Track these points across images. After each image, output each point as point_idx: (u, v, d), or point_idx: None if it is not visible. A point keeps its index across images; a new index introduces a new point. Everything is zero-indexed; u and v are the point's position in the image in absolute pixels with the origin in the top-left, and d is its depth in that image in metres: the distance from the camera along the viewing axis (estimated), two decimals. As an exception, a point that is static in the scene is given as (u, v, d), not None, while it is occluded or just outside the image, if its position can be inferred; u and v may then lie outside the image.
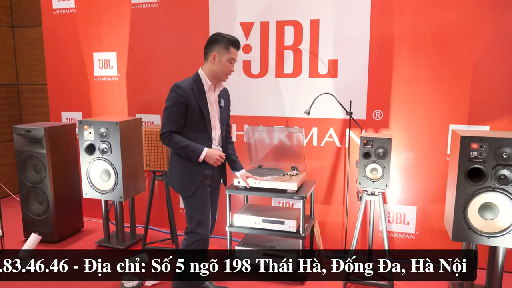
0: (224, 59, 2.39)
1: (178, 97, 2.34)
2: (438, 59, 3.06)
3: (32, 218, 3.65)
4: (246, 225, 3.01)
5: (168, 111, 2.36)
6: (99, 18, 3.94)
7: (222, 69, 2.41)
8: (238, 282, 2.92)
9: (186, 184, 2.42)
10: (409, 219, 3.30)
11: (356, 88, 3.27)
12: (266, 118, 3.54)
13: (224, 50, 2.38)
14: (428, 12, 3.04)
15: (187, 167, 2.42)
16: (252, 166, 3.31)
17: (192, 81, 2.41)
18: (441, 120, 3.11)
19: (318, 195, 3.47)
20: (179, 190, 2.47)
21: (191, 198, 2.44)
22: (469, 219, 2.48)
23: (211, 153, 2.41)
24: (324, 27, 3.28)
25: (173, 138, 2.35)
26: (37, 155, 3.53)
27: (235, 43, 2.40)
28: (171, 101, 2.35)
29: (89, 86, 4.09)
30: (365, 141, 2.76)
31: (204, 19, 3.59)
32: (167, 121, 2.36)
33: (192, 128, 2.41)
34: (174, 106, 2.34)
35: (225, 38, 2.38)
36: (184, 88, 2.35)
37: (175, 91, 2.35)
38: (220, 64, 2.40)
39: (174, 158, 2.47)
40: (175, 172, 2.47)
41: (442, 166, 3.13)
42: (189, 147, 2.36)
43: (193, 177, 2.43)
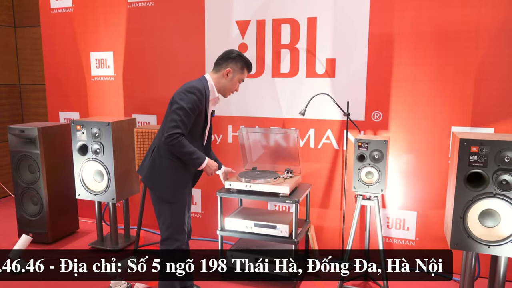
0: (236, 78, 2.43)
1: (198, 102, 2.26)
2: (440, 58, 2.93)
3: (27, 219, 3.63)
4: (238, 229, 2.92)
5: (183, 113, 2.22)
6: (96, 17, 3.90)
7: (231, 87, 2.44)
8: (228, 283, 2.84)
9: (175, 190, 2.35)
10: (409, 224, 3.16)
11: (355, 88, 3.15)
12: (262, 119, 3.44)
13: (239, 69, 2.42)
14: (429, 8, 2.90)
15: (180, 173, 2.34)
16: (246, 169, 3.22)
17: (203, 87, 2.33)
18: (443, 122, 2.98)
19: (314, 198, 3.36)
20: (164, 195, 2.34)
21: (175, 204, 2.36)
22: (468, 227, 2.34)
23: (211, 163, 2.42)
24: (322, 25, 3.18)
25: (183, 141, 2.23)
26: (31, 155, 3.50)
27: (250, 67, 2.47)
28: (189, 103, 2.23)
29: (86, 86, 4.06)
30: (359, 143, 2.64)
31: (200, 18, 3.52)
32: (180, 123, 2.21)
33: (192, 134, 2.35)
34: (191, 109, 2.24)
35: (244, 59, 2.43)
36: (203, 93, 2.30)
37: (195, 94, 2.26)
38: (231, 82, 2.42)
39: (164, 161, 2.32)
40: (162, 176, 2.33)
41: (444, 170, 2.99)
42: (194, 153, 2.29)
43: (183, 183, 2.38)
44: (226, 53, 2.43)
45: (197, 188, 3.75)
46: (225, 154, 3.59)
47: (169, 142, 2.21)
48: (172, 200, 2.34)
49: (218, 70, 2.42)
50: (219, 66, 2.42)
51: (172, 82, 3.65)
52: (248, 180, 2.86)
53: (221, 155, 3.59)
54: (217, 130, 3.60)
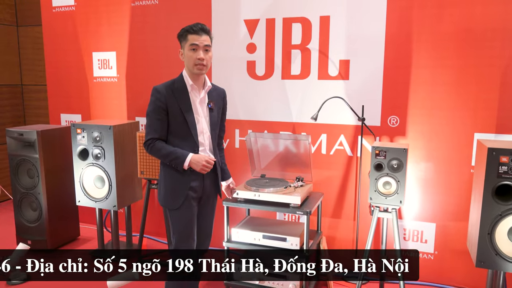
0: (186, 50, 2.17)
1: (156, 101, 2.15)
2: (462, 60, 2.73)
3: (25, 226, 3.49)
4: (245, 241, 2.75)
5: (149, 118, 2.18)
6: (99, 16, 3.75)
7: (189, 60, 2.16)
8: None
9: (170, 198, 2.22)
10: (427, 237, 2.97)
11: (370, 91, 2.96)
12: (271, 123, 3.27)
13: (184, 41, 2.18)
14: (451, 6, 2.71)
15: (173, 179, 2.21)
16: (254, 176, 3.05)
17: (172, 82, 2.21)
18: (465, 128, 2.78)
19: (326, 208, 3.18)
20: (163, 203, 2.27)
21: (176, 212, 2.22)
22: (496, 243, 2.15)
23: (196, 159, 2.16)
24: (335, 25, 2.99)
25: (155, 145, 2.16)
26: (30, 159, 3.36)
27: (190, 28, 2.14)
28: (150, 105, 2.17)
29: (88, 87, 3.92)
30: (377, 151, 2.46)
31: (207, 16, 3.35)
32: (149, 129, 2.18)
33: (177, 134, 2.20)
34: (153, 111, 2.16)
35: (183, 29, 2.18)
36: (161, 90, 2.16)
37: (153, 94, 2.17)
38: (186, 57, 2.18)
39: (161, 168, 2.28)
40: (160, 183, 2.28)
41: (466, 180, 2.80)
42: (172, 154, 2.15)
43: (178, 190, 2.21)
44: None
45: (203, 194, 3.58)
46: (232, 160, 3.42)
47: (147, 151, 2.21)
48: (172, 208, 2.22)
49: None
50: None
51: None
52: (256, 189, 2.69)
53: (228, 161, 3.41)
54: (223, 135, 3.43)
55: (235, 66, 3.30)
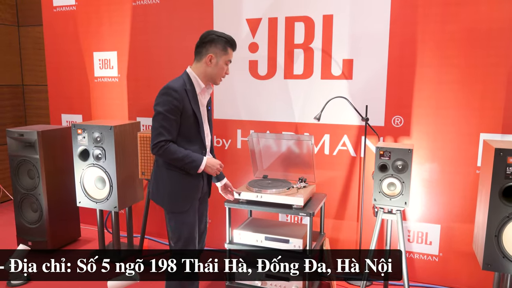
0: (221, 62, 2.16)
1: (173, 101, 2.05)
2: (468, 59, 2.69)
3: (26, 227, 3.46)
4: (247, 242, 2.71)
5: (162, 118, 2.05)
6: (100, 16, 3.73)
7: (219, 72, 2.18)
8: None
9: (180, 200, 2.16)
10: (431, 238, 2.93)
11: (374, 91, 2.92)
12: (274, 123, 3.23)
13: (222, 51, 2.15)
14: (457, 4, 2.67)
15: (182, 182, 2.15)
16: (256, 177, 3.01)
17: (183, 82, 2.13)
18: (471, 128, 2.74)
19: (329, 208, 3.14)
20: (169, 206, 2.18)
21: (184, 215, 2.17)
22: (503, 246, 2.11)
23: (211, 163, 2.18)
24: (338, 23, 2.96)
25: (170, 148, 2.06)
26: (30, 160, 3.33)
27: (232, 44, 2.18)
28: (164, 105, 2.05)
29: (89, 88, 3.89)
30: (381, 152, 2.42)
31: (209, 15, 3.32)
32: (162, 129, 2.05)
33: (186, 136, 2.14)
34: (169, 111, 2.05)
35: (223, 38, 2.14)
36: (179, 90, 2.07)
37: (168, 94, 2.06)
38: (217, 67, 2.16)
39: (163, 170, 2.17)
40: (164, 186, 2.17)
41: (471, 181, 2.75)
42: (187, 157, 2.09)
43: (190, 192, 2.18)
44: (202, 38, 2.16)
45: (204, 195, 3.55)
46: (234, 160, 3.39)
47: (156, 152, 2.07)
48: (180, 211, 2.16)
49: (200, 58, 2.16)
50: (199, 54, 2.17)
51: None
52: (258, 190, 2.66)
53: (229, 162, 3.40)
54: (225, 135, 3.40)
55: (237, 65, 3.27)
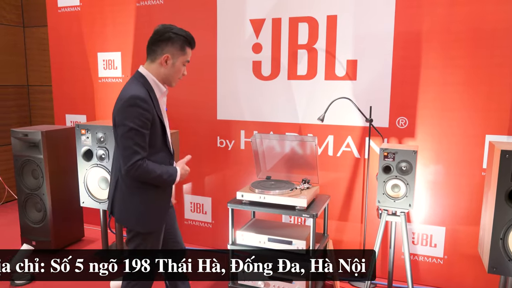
0: (178, 63, 1.94)
1: (144, 113, 1.81)
2: (473, 60, 2.66)
3: (30, 226, 3.47)
4: (250, 244, 2.70)
5: (135, 133, 1.79)
6: (104, 16, 3.73)
7: (175, 74, 1.96)
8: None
9: (153, 219, 1.96)
10: (436, 241, 2.90)
11: (378, 92, 2.90)
12: (277, 124, 3.22)
13: (179, 51, 1.93)
14: (463, 4, 2.64)
15: (156, 197, 1.96)
16: (260, 178, 3.00)
17: (145, 88, 1.89)
18: (476, 130, 2.71)
19: (333, 210, 3.12)
20: (140, 226, 1.95)
21: (153, 234, 2.00)
22: (509, 249, 2.08)
23: (183, 167, 2.01)
24: (342, 24, 2.94)
25: (148, 167, 1.84)
26: (34, 160, 3.34)
27: (191, 43, 1.96)
28: (135, 119, 1.78)
29: (93, 88, 3.90)
30: (385, 153, 2.40)
31: (212, 16, 3.32)
32: (137, 147, 1.80)
33: (153, 146, 1.91)
34: (142, 126, 1.80)
35: (181, 37, 1.91)
36: (146, 99, 1.83)
37: (137, 105, 1.79)
38: (174, 69, 1.94)
39: (134, 190, 1.92)
40: (134, 206, 1.93)
41: (477, 183, 2.73)
42: (165, 173, 1.90)
43: (163, 208, 2.00)
44: (157, 35, 1.90)
45: (208, 196, 3.54)
46: (237, 161, 3.38)
47: (132, 175, 1.83)
48: (152, 230, 1.98)
49: (154, 58, 1.92)
50: (153, 53, 1.92)
51: (181, 84, 3.43)
52: (261, 191, 2.65)
53: (233, 162, 3.39)
54: (229, 136, 3.39)
55: (241, 66, 3.26)
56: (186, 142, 3.49)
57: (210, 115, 3.42)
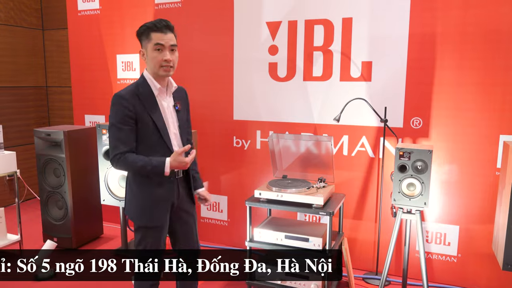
0: (150, 51, 1.95)
1: (124, 110, 1.90)
2: (487, 61, 2.70)
3: (51, 223, 3.58)
4: (267, 241, 2.77)
5: (115, 129, 1.92)
6: (123, 19, 3.84)
7: (152, 62, 1.96)
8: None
9: (149, 213, 2.02)
10: (450, 239, 2.95)
11: (392, 93, 2.96)
12: (293, 124, 3.29)
13: (146, 40, 1.95)
14: (478, 6, 2.69)
15: (154, 191, 2.01)
16: (276, 176, 3.07)
17: (135, 86, 1.98)
18: (490, 130, 2.75)
19: (347, 209, 3.18)
20: (138, 219, 2.04)
21: (152, 230, 2.04)
22: (524, 247, 2.12)
23: (174, 159, 1.94)
24: (358, 26, 3.00)
25: (127, 159, 1.91)
26: (56, 159, 3.45)
27: (153, 25, 1.94)
28: (116, 115, 1.91)
29: (112, 89, 4.00)
30: (401, 153, 2.45)
31: (229, 19, 3.40)
32: (117, 142, 1.91)
33: (148, 144, 1.98)
34: (121, 122, 1.91)
35: (144, 27, 1.96)
36: (127, 97, 1.92)
37: (118, 103, 1.92)
38: (149, 59, 1.96)
39: (131, 182, 2.03)
40: (134, 199, 2.03)
41: (491, 182, 2.77)
42: (149, 164, 1.92)
43: (162, 202, 2.03)
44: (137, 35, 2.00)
45: (224, 195, 3.62)
46: (253, 160, 3.45)
47: (115, 166, 1.95)
48: (153, 225, 2.03)
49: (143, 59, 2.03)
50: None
51: (199, 85, 3.54)
52: (279, 189, 2.72)
53: (249, 162, 3.47)
54: (245, 136, 3.47)
55: (257, 67, 3.33)
56: (203, 141, 3.57)
57: (227, 115, 3.50)
